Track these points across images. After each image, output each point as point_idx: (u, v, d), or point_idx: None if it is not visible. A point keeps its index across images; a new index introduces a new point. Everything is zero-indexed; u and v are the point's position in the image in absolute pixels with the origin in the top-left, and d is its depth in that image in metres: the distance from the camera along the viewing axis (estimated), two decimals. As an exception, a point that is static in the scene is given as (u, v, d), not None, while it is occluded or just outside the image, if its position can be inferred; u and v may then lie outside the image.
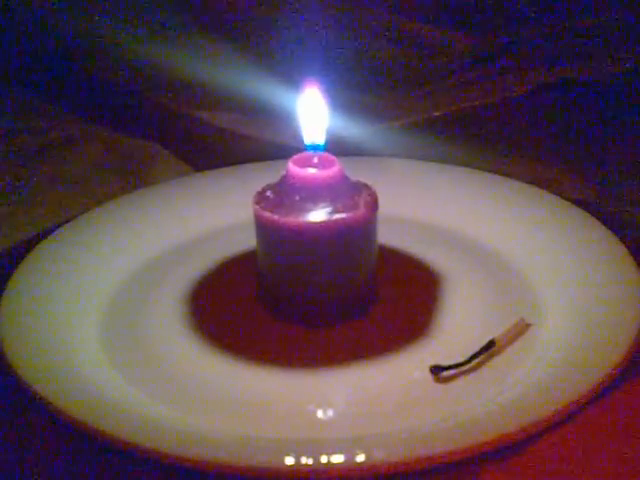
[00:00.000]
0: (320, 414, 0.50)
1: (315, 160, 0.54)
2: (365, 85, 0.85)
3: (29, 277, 0.57)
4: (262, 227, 0.54)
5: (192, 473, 0.44)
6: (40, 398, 0.48)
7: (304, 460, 0.44)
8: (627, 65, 0.86)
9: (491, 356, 0.52)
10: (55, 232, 0.62)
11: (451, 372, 0.50)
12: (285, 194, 0.53)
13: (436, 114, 0.80)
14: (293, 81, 0.59)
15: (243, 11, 0.98)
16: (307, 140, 0.55)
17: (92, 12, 0.96)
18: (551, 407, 0.47)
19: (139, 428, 0.47)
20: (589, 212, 0.61)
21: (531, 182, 0.66)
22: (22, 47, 0.93)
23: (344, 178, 0.54)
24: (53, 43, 0.93)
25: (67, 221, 0.63)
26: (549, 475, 0.45)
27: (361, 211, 0.53)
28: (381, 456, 0.44)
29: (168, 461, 0.45)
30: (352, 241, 0.53)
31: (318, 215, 0.53)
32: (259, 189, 0.55)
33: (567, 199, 0.63)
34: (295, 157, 0.54)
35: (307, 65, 0.85)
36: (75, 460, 0.46)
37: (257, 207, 0.54)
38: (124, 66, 0.89)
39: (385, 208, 0.55)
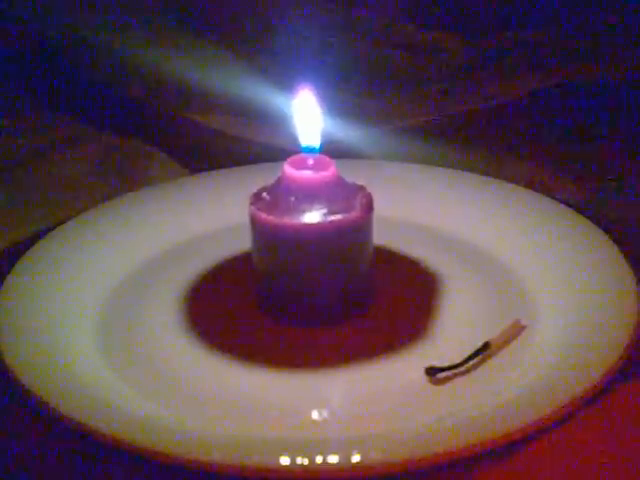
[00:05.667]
0: (315, 414, 0.50)
1: (311, 162, 0.54)
2: (360, 88, 0.85)
3: (26, 277, 0.57)
4: (258, 228, 0.54)
5: (188, 473, 0.44)
6: (36, 398, 0.48)
7: (299, 460, 0.44)
8: (625, 66, 0.86)
9: (486, 358, 0.52)
10: (51, 232, 0.62)
11: (447, 373, 0.50)
12: (281, 196, 0.53)
13: (432, 117, 0.80)
14: (288, 83, 0.60)
15: (239, 14, 0.98)
16: (303, 142, 0.55)
17: (90, 15, 0.96)
18: (546, 409, 0.47)
19: (135, 428, 0.47)
20: (584, 215, 0.61)
21: (526, 185, 0.66)
22: (21, 48, 0.93)
23: (340, 180, 0.54)
24: (51, 45, 0.93)
25: (64, 222, 0.63)
26: (544, 476, 0.45)
27: (356, 213, 0.53)
28: (376, 456, 0.44)
29: (163, 461, 0.45)
30: (347, 243, 0.53)
31: (314, 216, 0.53)
32: (255, 191, 0.55)
33: (562, 201, 0.63)
34: (291, 159, 0.54)
35: (302, 67, 0.85)
36: (71, 460, 0.46)
37: (253, 208, 0.54)
38: (121, 69, 0.89)
39: (380, 210, 0.55)
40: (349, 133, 0.77)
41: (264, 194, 0.54)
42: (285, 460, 0.44)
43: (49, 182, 0.72)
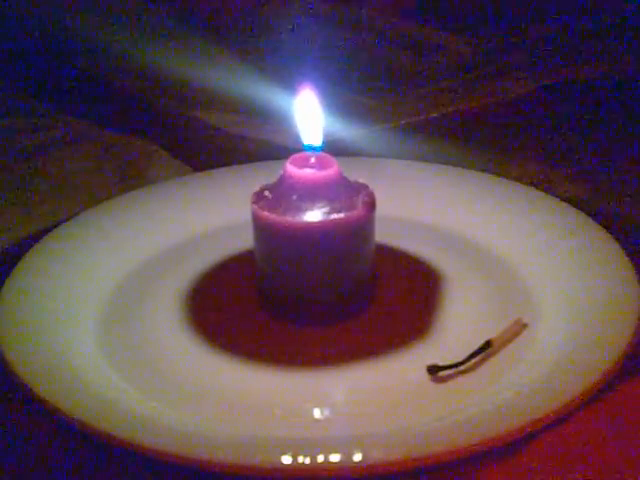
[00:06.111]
0: (317, 413, 0.50)
1: (313, 160, 0.54)
2: (362, 86, 0.85)
3: (26, 276, 0.57)
4: (260, 227, 0.54)
5: (189, 472, 0.44)
6: (38, 397, 0.48)
7: (301, 459, 0.44)
8: (625, 65, 0.86)
9: (488, 356, 0.52)
10: (52, 231, 0.62)
11: (448, 372, 0.50)
12: (283, 194, 0.53)
13: (433, 115, 0.80)
14: (290, 82, 0.60)
15: (240, 13, 0.98)
16: (305, 140, 0.55)
17: (92, 13, 0.96)
18: (547, 407, 0.47)
19: (137, 427, 0.47)
20: (585, 212, 0.61)
21: (528, 182, 0.66)
22: (22, 47, 0.93)
23: (342, 178, 0.54)
24: (53, 43, 0.93)
25: (65, 220, 0.63)
26: (546, 475, 0.45)
27: (359, 211, 0.53)
28: (378, 455, 0.44)
29: (165, 460, 0.45)
30: (349, 241, 0.53)
31: (316, 215, 0.53)
32: (257, 189, 0.55)
33: (564, 199, 0.63)
34: (293, 157, 0.54)
35: (304, 66, 0.85)
36: (73, 459, 0.46)
37: (255, 207, 0.54)
38: (123, 67, 0.90)
39: (382, 208, 0.55)
40: (351, 131, 0.77)
41: (266, 192, 0.54)
42: (287, 459, 0.44)
43: (50, 180, 0.72)
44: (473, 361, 0.51)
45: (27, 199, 0.70)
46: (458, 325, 0.55)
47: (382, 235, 0.57)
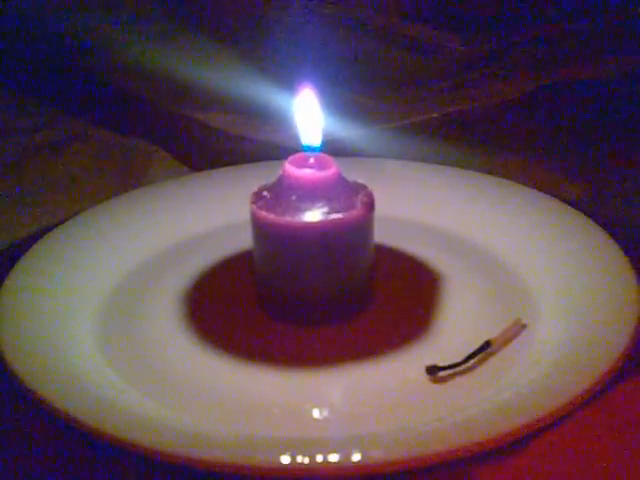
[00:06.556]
0: (316, 413, 0.50)
1: (312, 160, 0.54)
2: (362, 86, 0.85)
3: (26, 276, 0.57)
4: (259, 227, 0.54)
5: (188, 471, 0.44)
6: (38, 397, 0.48)
7: (300, 459, 0.44)
8: (625, 66, 0.86)
9: (487, 356, 0.52)
10: (51, 232, 0.62)
11: (447, 372, 0.50)
12: (282, 194, 0.53)
13: (433, 115, 0.80)
14: (289, 82, 0.60)
15: (240, 13, 0.98)
16: (304, 141, 0.55)
17: (91, 13, 0.97)
18: (546, 408, 0.47)
19: (135, 427, 0.47)
20: (585, 213, 0.61)
21: (527, 183, 0.66)
22: (22, 47, 0.93)
23: (341, 178, 0.54)
24: (53, 43, 0.93)
25: (64, 221, 0.63)
26: (545, 475, 0.45)
27: (358, 211, 0.53)
28: (377, 455, 0.44)
29: (164, 459, 0.45)
30: (348, 241, 0.53)
31: (314, 215, 0.53)
32: (256, 189, 0.55)
33: (563, 200, 0.63)
34: (292, 157, 0.54)
35: (303, 66, 0.85)
36: (73, 458, 0.46)
37: (254, 207, 0.54)
38: (122, 67, 0.90)
39: (381, 209, 0.55)
40: (350, 131, 0.77)
41: (265, 193, 0.54)
42: (286, 459, 0.44)
43: (49, 181, 0.72)
44: (472, 361, 0.51)
45: (27, 199, 0.70)
46: (458, 325, 0.55)
47: (381, 235, 0.57)
